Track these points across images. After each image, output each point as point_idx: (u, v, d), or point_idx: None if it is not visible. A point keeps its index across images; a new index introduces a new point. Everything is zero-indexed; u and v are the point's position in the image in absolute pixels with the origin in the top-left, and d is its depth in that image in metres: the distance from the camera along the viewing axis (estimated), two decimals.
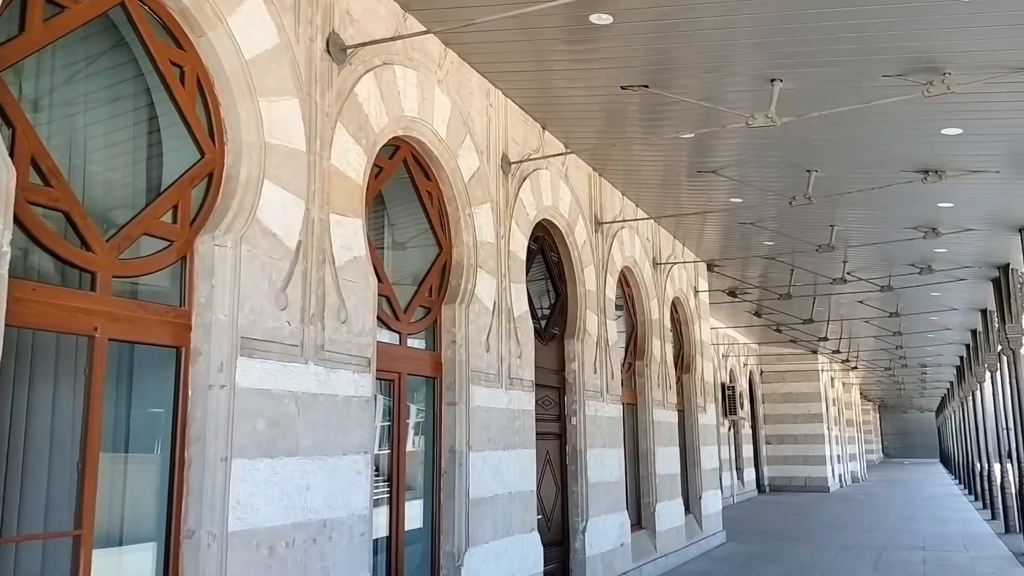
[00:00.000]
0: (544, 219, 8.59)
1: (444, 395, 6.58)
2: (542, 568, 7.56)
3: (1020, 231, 10.01)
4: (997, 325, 15.72)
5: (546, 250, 8.94)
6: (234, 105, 4.55)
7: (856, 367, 28.64)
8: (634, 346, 11.47)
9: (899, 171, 8.33)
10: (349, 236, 5.28)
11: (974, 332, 19.22)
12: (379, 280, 5.71)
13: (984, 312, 16.11)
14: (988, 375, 15.96)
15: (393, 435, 6.06)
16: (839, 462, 32.41)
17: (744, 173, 9.13)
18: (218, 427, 4.19)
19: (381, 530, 5.84)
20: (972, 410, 22.81)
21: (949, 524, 17.05)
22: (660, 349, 11.84)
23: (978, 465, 23.03)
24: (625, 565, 9.62)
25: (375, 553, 5.73)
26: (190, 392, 4.22)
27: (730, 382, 24.43)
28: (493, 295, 7.17)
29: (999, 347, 16.35)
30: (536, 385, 8.01)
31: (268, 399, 4.47)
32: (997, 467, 19.79)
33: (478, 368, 6.80)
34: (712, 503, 13.83)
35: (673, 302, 13.18)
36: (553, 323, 8.98)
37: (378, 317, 5.71)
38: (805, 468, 28.41)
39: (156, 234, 4.23)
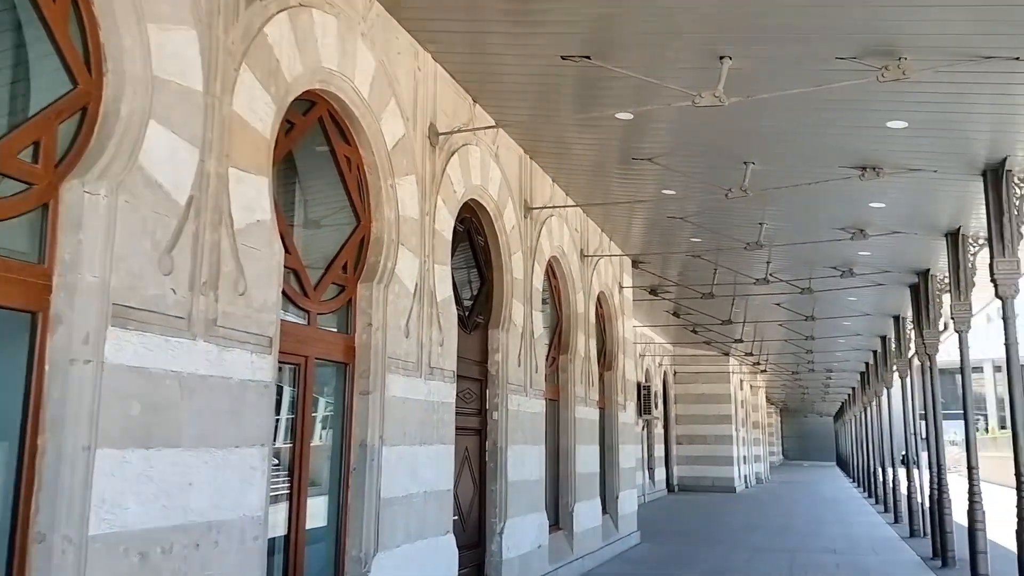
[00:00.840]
0: (472, 199, 8.02)
1: (357, 383, 5.94)
2: (456, 573, 7.00)
3: (946, 236, 10.00)
4: (911, 331, 16.01)
5: (473, 233, 8.38)
6: (116, 29, 3.82)
7: (765, 370, 29.14)
8: (558, 340, 11.02)
9: (837, 166, 8.11)
10: (252, 196, 4.59)
11: (883, 339, 19.62)
12: (286, 251, 5.04)
13: (897, 318, 16.38)
14: (898, 380, 16.23)
15: (297, 426, 5.39)
16: (745, 463, 32.98)
17: (679, 163, 8.78)
18: (80, 410, 3.48)
19: (279, 529, 5.18)
20: (875, 415, 23.38)
21: (855, 527, 17.30)
22: (584, 344, 11.44)
23: (879, 470, 23.64)
24: (542, 568, 9.15)
25: (270, 554, 5.07)
26: (47, 367, 3.49)
27: (646, 382, 24.39)
28: (415, 276, 6.56)
29: (911, 352, 16.67)
30: (457, 376, 7.44)
31: (145, 379, 3.77)
32: (902, 472, 20.28)
33: (396, 355, 6.18)
34: (628, 503, 13.54)
35: (598, 297, 12.81)
36: (477, 311, 8.43)
37: (284, 292, 5.04)
38: (714, 468, 28.73)
39: (11, 174, 3.47)
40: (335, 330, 5.92)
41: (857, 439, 34.04)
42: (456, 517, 7.34)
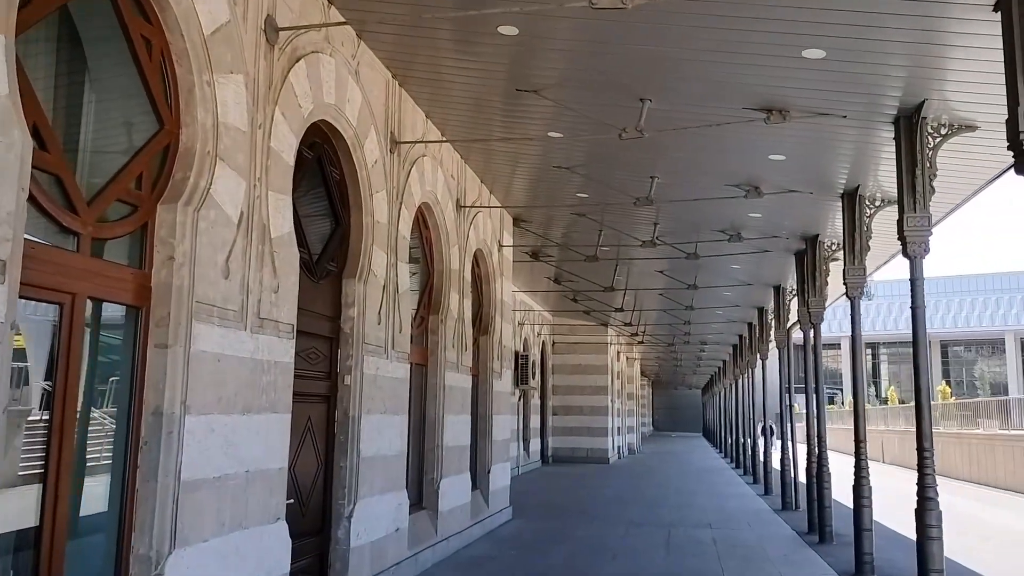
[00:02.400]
0: (324, 121, 6.70)
1: (152, 333, 4.58)
2: (289, 567, 5.77)
3: (843, 196, 9.44)
4: (791, 301, 15.77)
5: (326, 164, 7.06)
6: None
7: (643, 341, 29.01)
8: (429, 298, 9.86)
9: (742, 107, 7.26)
10: None
11: (761, 310, 19.51)
12: (42, 147, 3.64)
13: (777, 288, 16.11)
14: (777, 351, 16.01)
15: (59, 386, 4.01)
16: (619, 434, 33.01)
17: (570, 96, 7.73)
18: None
19: (27, 519, 3.84)
20: (748, 387, 23.52)
21: (728, 499, 17.09)
22: (458, 304, 10.32)
23: (749, 442, 23.86)
24: (400, 554, 8.03)
25: (10, 552, 3.74)
26: None
27: (524, 351, 23.63)
28: (240, 203, 5.23)
29: (791, 323, 16.49)
30: (299, 332, 6.16)
31: None
32: (776, 445, 20.37)
33: (209, 299, 4.85)
34: (501, 477, 12.61)
35: (475, 254, 11.71)
36: (329, 257, 7.13)
37: (33, 200, 3.65)
38: (588, 439, 28.44)
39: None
40: (122, 263, 4.53)
41: (726, 411, 34.73)
42: (292, 500, 6.09)
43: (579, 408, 28.72)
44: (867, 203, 9.31)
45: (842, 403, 57.26)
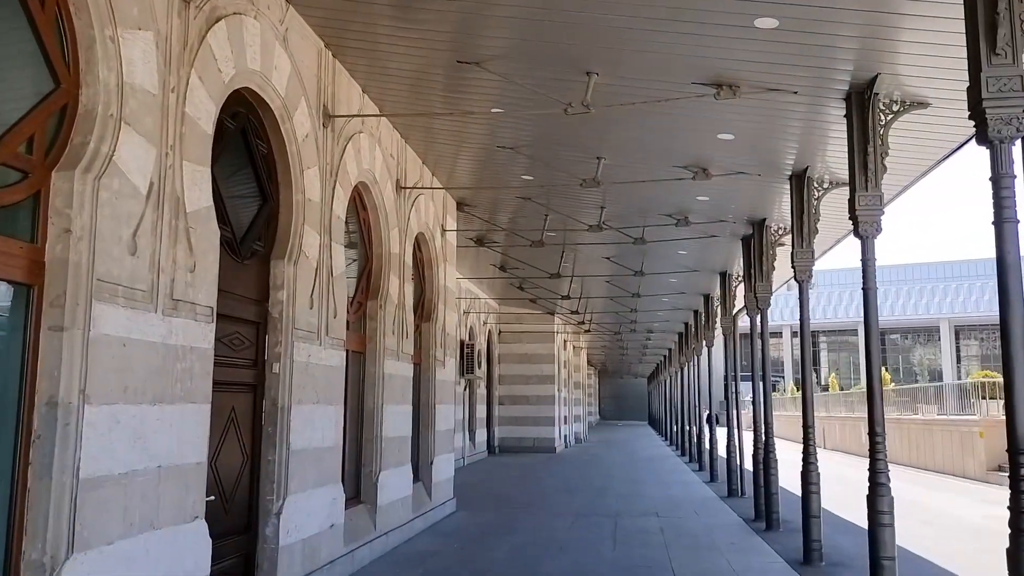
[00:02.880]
0: (248, 89, 6.23)
1: (45, 315, 4.11)
2: (209, 569, 5.34)
3: (791, 178, 9.29)
4: (736, 288, 15.71)
5: (251, 136, 6.58)
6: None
7: (589, 330, 28.90)
8: (367, 282, 9.43)
9: (691, 82, 7.00)
10: None
11: (707, 297, 19.49)
12: None
13: (723, 275, 16.04)
14: (722, 338, 15.95)
15: None
16: (566, 423, 32.93)
17: (513, 70, 7.37)
18: None
19: None
20: (693, 375, 23.57)
21: (673, 487, 17.03)
22: (399, 290, 9.91)
23: (694, 430, 23.93)
24: (334, 551, 7.62)
25: None
26: None
27: (469, 340, 23.28)
28: (150, 172, 4.75)
29: (736, 309, 16.45)
30: (220, 316, 5.72)
31: None
32: (721, 433, 20.42)
33: (112, 278, 4.38)
34: (444, 468, 12.25)
35: (417, 238, 11.30)
36: (255, 236, 6.67)
37: None
38: (535, 429, 28.26)
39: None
40: (11, 236, 4.03)
41: (671, 399, 34.93)
42: (213, 497, 5.65)
43: (526, 398, 28.50)
44: (815, 185, 9.18)
45: (783, 390, 58.23)
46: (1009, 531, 4.15)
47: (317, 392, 7.24)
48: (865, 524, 11.24)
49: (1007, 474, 3.69)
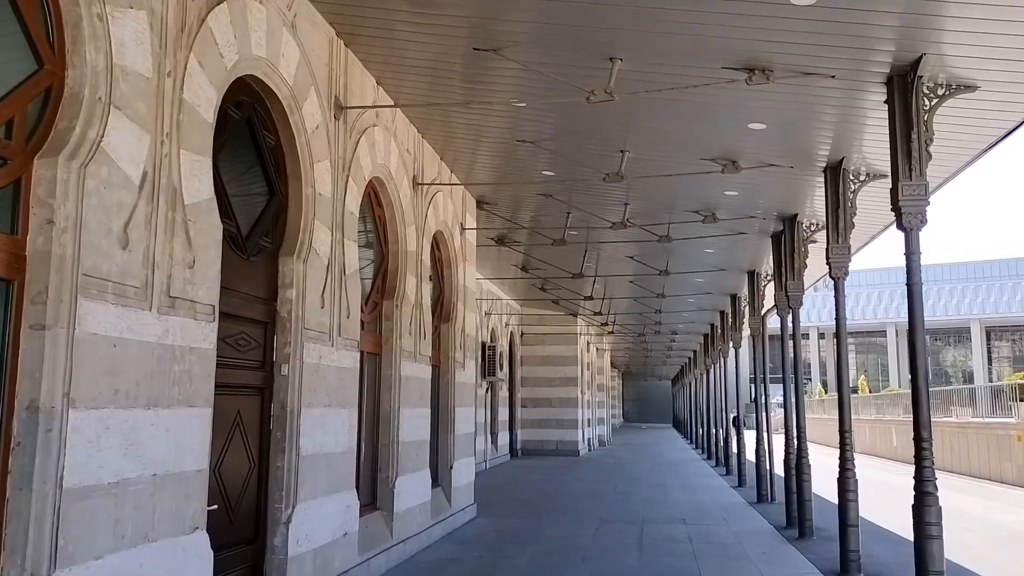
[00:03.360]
0: (254, 76, 5.93)
1: (26, 312, 3.81)
2: None
3: (825, 171, 8.84)
4: (765, 287, 15.23)
5: (257, 126, 6.28)
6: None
7: (613, 331, 28.44)
8: (383, 281, 9.11)
9: (721, 67, 6.61)
10: None
11: (734, 297, 19.00)
12: None
13: (752, 274, 15.56)
14: (751, 339, 15.47)
15: None
16: (589, 426, 32.50)
17: (533, 57, 7.02)
18: None
19: None
20: (720, 376, 23.06)
21: (700, 492, 16.56)
22: (416, 289, 9.59)
23: (721, 432, 23.42)
24: (349, 560, 7.31)
25: None
26: None
27: (491, 341, 22.94)
28: (143, 161, 4.45)
29: (766, 309, 15.98)
30: (224, 315, 5.43)
31: None
32: (748, 436, 19.90)
33: (101, 272, 4.09)
34: (465, 473, 11.92)
35: (435, 236, 10.98)
36: (262, 231, 6.36)
37: None
38: (558, 432, 27.87)
39: None
40: None
41: (696, 402, 34.38)
42: (216, 507, 5.34)
43: (548, 400, 28.12)
44: (851, 177, 8.73)
45: (811, 393, 57.32)
46: None
47: (329, 395, 6.93)
48: (903, 532, 10.73)
49: None
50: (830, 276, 8.76)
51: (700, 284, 18.12)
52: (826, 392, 54.77)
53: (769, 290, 15.59)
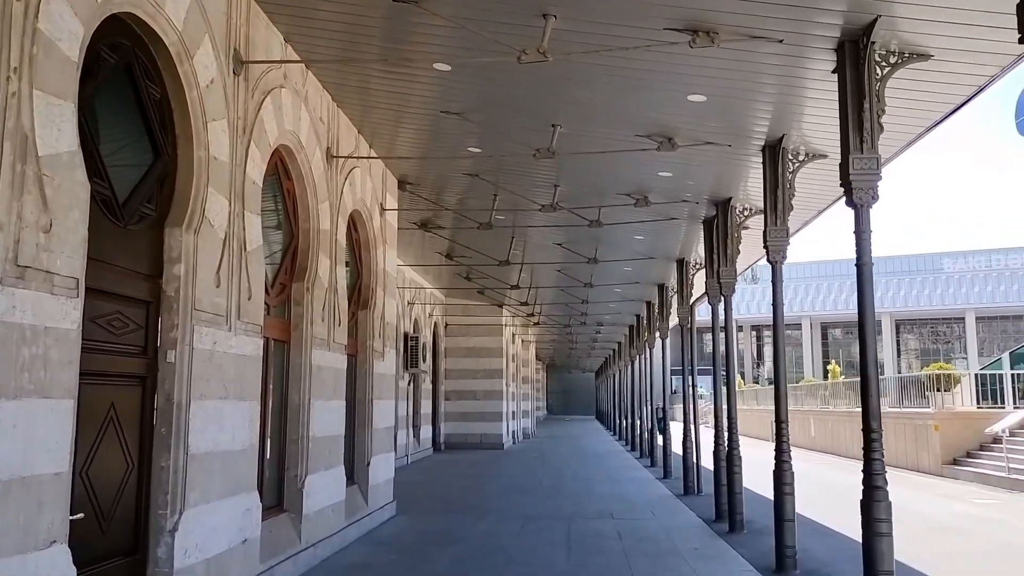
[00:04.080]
0: (134, 16, 5.10)
1: None
2: None
3: (764, 150, 8.47)
4: (693, 275, 14.95)
5: (140, 75, 5.45)
6: None
7: (539, 323, 28.01)
8: (292, 262, 8.33)
9: (663, 27, 6.08)
10: None
11: (661, 287, 18.75)
12: None
13: (681, 262, 15.27)
14: (681, 329, 15.19)
15: None
16: (514, 419, 32.06)
17: (459, 12, 6.36)
18: None
19: None
20: (647, 368, 22.86)
21: (626, 485, 16.23)
22: (330, 272, 8.83)
23: (647, 425, 23.25)
24: (249, 570, 6.54)
25: None
26: None
27: (414, 332, 22.18)
28: None
29: (694, 298, 15.73)
30: (95, 291, 4.64)
31: None
32: (676, 428, 19.71)
33: None
34: (383, 470, 11.20)
35: (352, 216, 10.23)
36: (144, 196, 5.53)
37: None
38: (482, 425, 27.33)
39: None
40: None
41: (621, 394, 34.33)
42: (82, 515, 4.54)
43: (473, 392, 27.54)
44: (790, 157, 8.38)
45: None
46: None
47: (226, 386, 6.15)
48: (835, 525, 10.54)
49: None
50: (768, 260, 8.40)
51: (628, 273, 17.79)
52: (745, 383, 55.76)
53: (699, 279, 15.35)
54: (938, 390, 20.48)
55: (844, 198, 6.05)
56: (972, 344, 63.81)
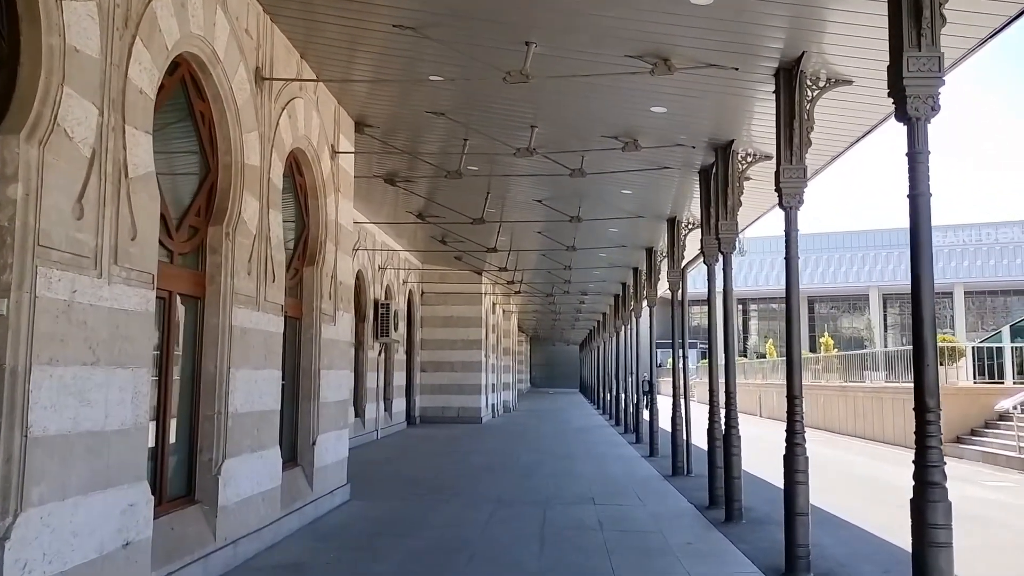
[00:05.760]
0: None
1: None
2: None
3: (777, 75, 7.04)
4: (685, 236, 13.62)
5: None
6: None
7: (520, 291, 26.64)
8: (207, 200, 6.89)
9: (623, 55, 4.68)
10: None
11: (649, 251, 17.40)
12: None
13: (672, 221, 13.89)
14: (671, 293, 13.86)
15: None
16: (493, 391, 30.81)
17: None
18: None
19: None
20: (633, 339, 21.57)
21: (610, 464, 14.99)
22: (260, 216, 7.40)
23: (632, 397, 22.05)
24: None
25: None
26: None
27: (385, 299, 20.78)
28: None
29: (686, 261, 14.45)
30: None
31: None
32: (665, 403, 18.50)
33: None
34: (333, 449, 9.84)
35: (294, 156, 8.79)
36: None
37: None
38: (459, 398, 26.04)
39: None
40: None
41: (605, 366, 33.12)
42: None
43: (450, 364, 26.20)
44: (809, 82, 6.97)
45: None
46: None
47: (93, 348, 4.74)
48: (848, 515, 9.26)
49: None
50: (781, 206, 7.01)
51: (614, 235, 16.41)
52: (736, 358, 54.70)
53: (691, 241, 14.01)
54: (941, 364, 19.30)
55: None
56: (960, 319, 63.06)
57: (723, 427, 9.55)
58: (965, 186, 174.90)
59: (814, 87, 7.00)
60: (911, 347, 4.96)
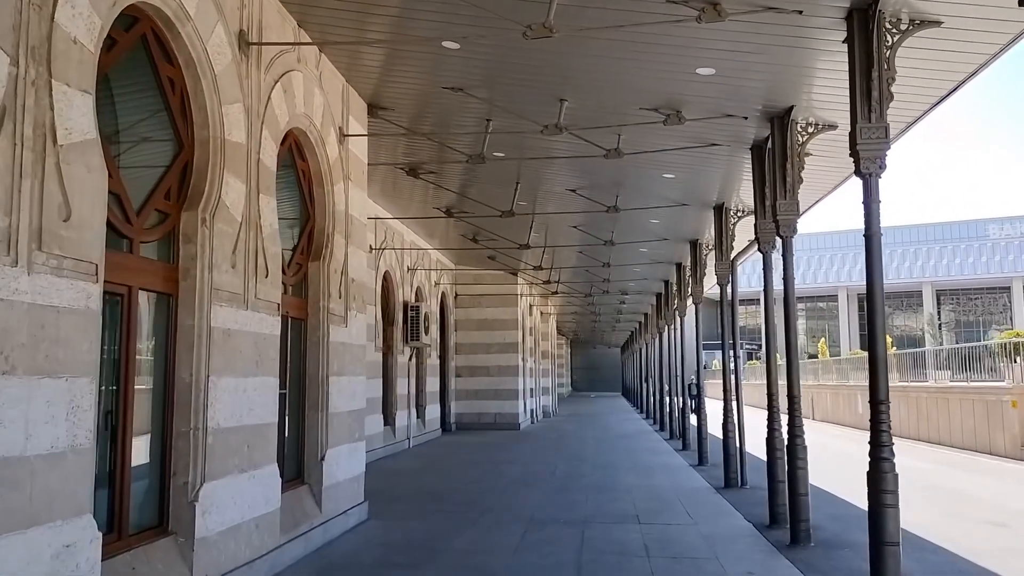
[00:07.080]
0: None
1: None
2: None
3: (849, 16, 5.86)
4: (734, 225, 12.43)
5: None
6: None
7: (557, 291, 25.53)
8: (181, 181, 5.94)
9: None
10: None
11: (694, 244, 16.18)
12: None
13: (720, 208, 12.70)
14: (719, 289, 12.66)
15: None
16: (532, 396, 29.72)
17: None
18: None
19: None
20: (677, 340, 20.33)
21: (656, 475, 13.79)
22: (248, 201, 6.45)
23: (677, 402, 20.81)
24: None
25: None
26: None
27: (415, 301, 19.86)
28: None
29: (739, 250, 13.26)
30: None
31: None
32: (712, 407, 17.32)
33: None
34: (345, 465, 8.85)
35: (294, 137, 7.86)
36: None
37: None
38: (496, 403, 25.00)
39: None
40: None
41: (648, 368, 31.83)
42: None
43: (486, 368, 25.20)
44: (888, 25, 5.79)
45: (758, 359, 55.40)
46: None
47: (7, 356, 3.79)
48: (936, 537, 8.09)
49: None
50: (857, 173, 5.84)
51: (655, 227, 15.25)
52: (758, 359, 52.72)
53: (740, 230, 12.82)
54: (1014, 360, 17.75)
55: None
56: (1021, 315, 60.29)
57: (784, 436, 8.36)
58: None
59: (895, 31, 5.83)
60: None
